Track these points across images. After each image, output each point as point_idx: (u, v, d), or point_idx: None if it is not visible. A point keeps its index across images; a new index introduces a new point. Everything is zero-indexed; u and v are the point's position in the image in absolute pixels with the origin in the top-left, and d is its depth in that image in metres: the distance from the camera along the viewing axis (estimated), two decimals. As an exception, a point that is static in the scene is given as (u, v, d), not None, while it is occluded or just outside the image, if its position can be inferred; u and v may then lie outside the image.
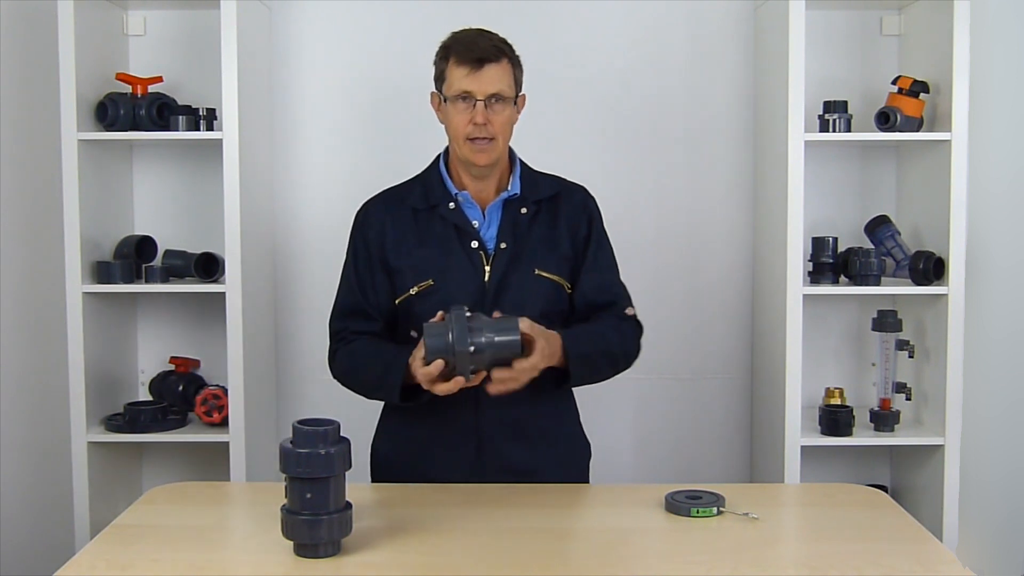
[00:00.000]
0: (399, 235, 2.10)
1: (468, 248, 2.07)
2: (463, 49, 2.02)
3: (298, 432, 1.66)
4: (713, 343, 3.10)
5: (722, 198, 3.07)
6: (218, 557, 1.73)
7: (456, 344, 1.80)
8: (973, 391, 2.82)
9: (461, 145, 2.05)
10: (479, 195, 2.11)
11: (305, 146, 3.06)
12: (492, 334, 1.82)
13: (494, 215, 2.10)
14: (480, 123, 2.01)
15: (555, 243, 2.10)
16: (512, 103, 2.06)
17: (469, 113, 2.01)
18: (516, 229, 2.08)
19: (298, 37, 3.04)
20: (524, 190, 2.11)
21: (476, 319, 1.83)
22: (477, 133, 2.02)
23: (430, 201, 2.10)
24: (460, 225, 2.08)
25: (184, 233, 3.01)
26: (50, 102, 2.69)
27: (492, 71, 2.01)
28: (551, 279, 2.08)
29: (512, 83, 2.06)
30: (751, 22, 3.02)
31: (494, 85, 2.01)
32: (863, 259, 2.72)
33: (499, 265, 2.05)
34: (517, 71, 2.08)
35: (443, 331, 1.81)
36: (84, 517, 2.71)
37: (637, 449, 3.09)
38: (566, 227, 2.12)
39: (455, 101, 2.02)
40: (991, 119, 2.89)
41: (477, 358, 1.81)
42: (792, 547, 1.85)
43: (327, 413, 1.81)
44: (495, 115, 2.02)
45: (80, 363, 2.70)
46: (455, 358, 1.81)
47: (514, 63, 2.07)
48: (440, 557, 1.71)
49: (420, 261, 2.07)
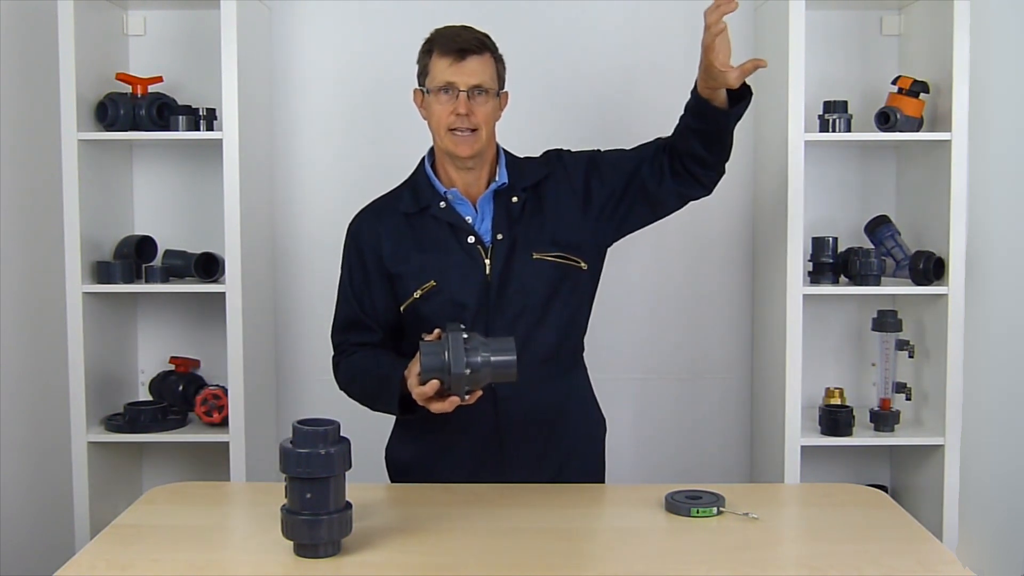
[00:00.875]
0: (395, 242, 2.10)
1: (465, 244, 2.07)
2: (446, 41, 2.04)
3: (298, 432, 1.66)
4: (713, 343, 3.10)
5: (722, 198, 3.05)
6: (218, 557, 1.73)
7: (452, 366, 1.79)
8: (973, 391, 2.82)
9: (443, 137, 2.05)
10: (468, 190, 2.11)
11: (305, 146, 3.06)
12: (488, 354, 1.81)
13: (486, 207, 2.10)
14: (463, 113, 2.01)
15: (550, 221, 2.10)
16: (495, 96, 2.06)
17: (452, 104, 2.02)
18: (510, 218, 2.09)
19: (298, 37, 3.04)
20: (512, 178, 2.11)
21: (472, 339, 1.82)
22: (459, 124, 2.02)
23: (420, 204, 2.10)
24: (454, 223, 2.08)
25: (184, 233, 3.01)
26: (50, 102, 2.69)
27: (474, 63, 2.03)
28: (551, 260, 2.08)
29: (494, 76, 2.07)
30: (751, 22, 3.02)
31: (476, 76, 2.02)
32: (863, 259, 2.72)
33: (499, 257, 2.05)
34: (499, 66, 2.09)
35: (439, 351, 1.81)
36: (84, 517, 2.71)
37: (637, 449, 3.09)
38: (569, 193, 2.12)
39: (437, 93, 2.04)
40: (991, 119, 2.89)
41: (473, 378, 1.81)
42: (792, 547, 1.85)
43: (327, 413, 1.81)
44: (477, 106, 2.03)
45: (80, 363, 2.70)
46: (451, 378, 1.81)
47: (496, 58, 2.09)
48: (440, 557, 1.71)
49: (420, 264, 2.07)
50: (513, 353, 1.82)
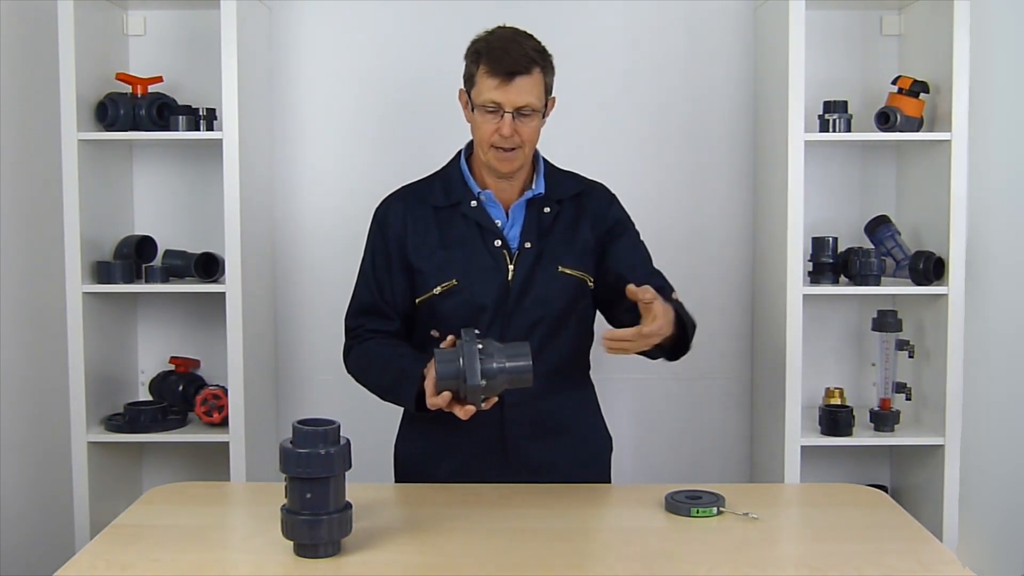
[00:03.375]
0: (420, 234, 2.08)
1: (491, 247, 2.06)
2: (495, 59, 1.98)
3: (298, 432, 1.66)
4: (713, 343, 3.09)
5: (722, 198, 3.07)
6: (218, 557, 1.73)
7: (468, 377, 1.78)
8: (973, 391, 2.82)
9: (486, 151, 2.03)
10: (501, 195, 2.10)
11: (305, 146, 3.06)
12: (504, 361, 1.79)
13: (518, 214, 2.09)
14: (507, 135, 1.99)
15: (577, 239, 2.10)
16: (540, 114, 2.03)
17: (496, 123, 1.99)
18: (540, 228, 2.08)
19: (298, 37, 3.04)
20: (548, 189, 2.11)
21: (488, 346, 1.80)
22: (503, 144, 2.00)
23: (451, 199, 2.09)
24: (483, 223, 2.07)
25: (184, 233, 3.01)
26: (50, 102, 2.69)
27: (522, 83, 1.98)
28: (574, 275, 2.08)
29: (541, 93, 2.03)
30: (751, 22, 3.02)
31: (523, 98, 1.98)
32: (863, 259, 2.72)
33: (523, 264, 2.05)
34: (548, 78, 2.05)
35: (454, 358, 1.79)
36: (84, 517, 2.70)
37: (637, 449, 3.09)
38: (589, 223, 2.12)
39: (483, 110, 2.00)
40: (991, 119, 2.89)
41: (489, 387, 1.79)
42: (792, 547, 1.85)
43: (327, 413, 1.81)
44: (523, 126, 2.00)
45: (80, 363, 2.70)
46: (466, 388, 1.79)
47: (546, 71, 2.04)
48: (440, 557, 1.71)
49: (443, 261, 2.06)
50: (528, 359, 1.80)
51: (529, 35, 2.05)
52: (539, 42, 2.05)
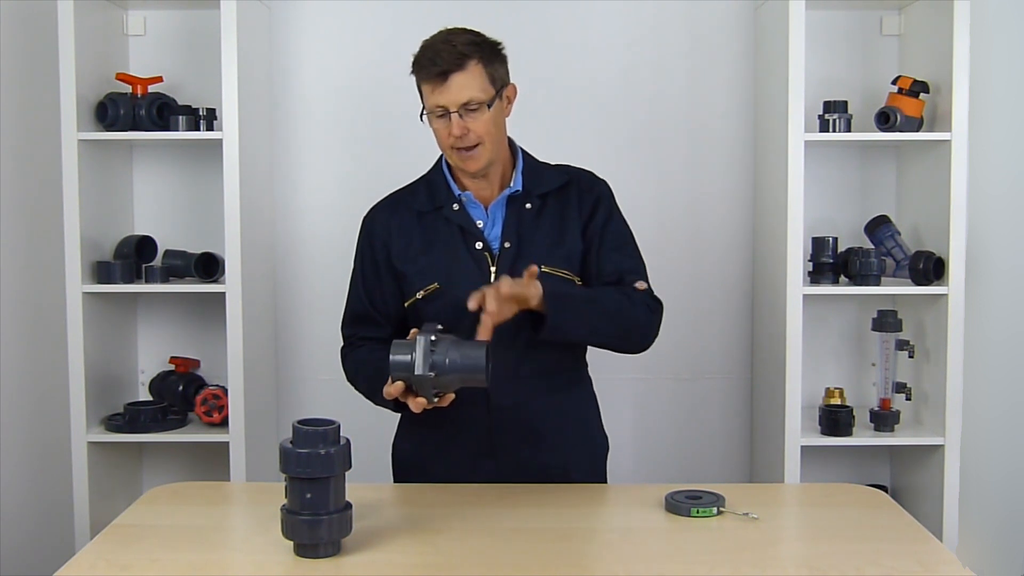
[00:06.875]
0: (405, 240, 2.09)
1: (473, 249, 2.06)
2: (426, 63, 1.98)
3: (298, 432, 1.66)
4: (713, 343, 3.10)
5: (722, 198, 3.07)
6: (218, 557, 1.73)
7: (416, 368, 1.77)
8: (973, 391, 2.82)
9: (449, 155, 2.04)
10: (480, 194, 2.09)
11: (305, 146, 3.06)
12: (456, 358, 1.78)
13: (497, 213, 2.08)
14: (458, 135, 1.98)
15: (563, 236, 2.08)
16: (487, 106, 1.99)
17: (447, 126, 1.99)
18: (521, 226, 2.07)
19: (298, 37, 3.04)
20: (527, 184, 2.10)
21: (441, 342, 1.79)
22: (459, 144, 1.99)
23: (435, 203, 2.09)
24: (464, 226, 2.07)
25: (184, 233, 3.01)
26: (50, 102, 2.69)
27: (458, 81, 1.96)
28: (558, 275, 2.07)
29: (485, 84, 1.99)
30: (751, 22, 3.02)
31: (464, 94, 1.96)
32: (863, 259, 2.72)
33: (504, 265, 2.04)
34: (492, 67, 2.01)
35: (408, 350, 1.79)
36: (84, 517, 2.71)
37: (637, 449, 3.09)
38: (576, 215, 2.10)
39: (433, 116, 2.01)
40: (991, 119, 2.89)
41: (439, 381, 1.78)
42: (792, 547, 1.84)
43: (327, 413, 1.81)
44: (472, 122, 1.98)
45: (80, 363, 2.70)
46: (415, 379, 1.79)
47: (486, 60, 1.99)
48: (440, 557, 1.71)
49: (426, 265, 2.06)
50: (482, 359, 1.78)
51: (465, 30, 2.02)
52: (478, 34, 2.02)
